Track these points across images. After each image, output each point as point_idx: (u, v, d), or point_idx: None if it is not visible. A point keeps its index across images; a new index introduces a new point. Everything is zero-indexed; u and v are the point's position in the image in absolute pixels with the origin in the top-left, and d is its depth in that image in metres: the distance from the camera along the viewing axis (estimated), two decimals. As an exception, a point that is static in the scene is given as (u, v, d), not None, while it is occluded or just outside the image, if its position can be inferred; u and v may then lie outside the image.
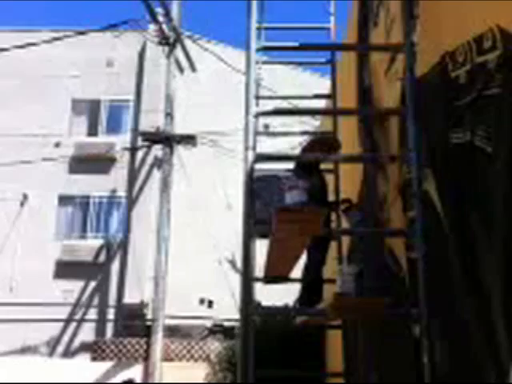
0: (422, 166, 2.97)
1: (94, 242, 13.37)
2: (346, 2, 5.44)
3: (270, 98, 5.26)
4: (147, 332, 11.47)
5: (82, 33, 12.92)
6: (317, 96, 5.33)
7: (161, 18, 12.19)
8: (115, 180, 13.76)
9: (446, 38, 2.79)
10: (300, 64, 7.51)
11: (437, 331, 2.75)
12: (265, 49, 3.84)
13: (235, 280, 8.91)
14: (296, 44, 3.73)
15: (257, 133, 4.85)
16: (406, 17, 3.30)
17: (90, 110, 14.76)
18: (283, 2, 5.34)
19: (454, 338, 2.58)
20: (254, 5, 3.64)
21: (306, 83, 11.89)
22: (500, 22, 2.21)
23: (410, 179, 3.10)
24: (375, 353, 3.71)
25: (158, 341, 10.98)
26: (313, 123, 8.31)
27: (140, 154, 13.95)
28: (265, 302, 4.54)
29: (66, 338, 12.68)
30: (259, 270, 4.43)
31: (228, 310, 10.61)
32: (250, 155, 3.12)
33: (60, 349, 12.60)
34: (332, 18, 5.34)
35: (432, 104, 2.98)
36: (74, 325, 12.75)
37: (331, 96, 4.98)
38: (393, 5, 3.70)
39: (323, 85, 6.65)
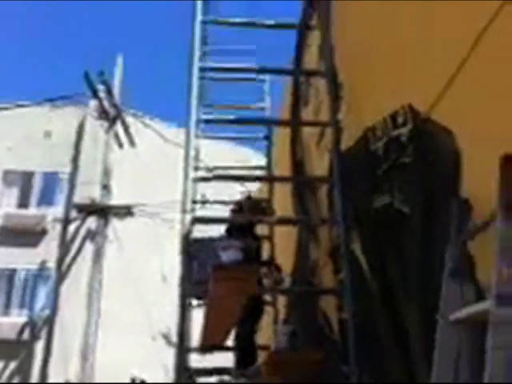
0: (349, 229, 3.21)
1: (17, 319, 12.56)
2: (280, 85, 5.92)
3: (210, 169, 5.48)
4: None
5: (20, 106, 12.91)
6: (255, 167, 5.63)
7: (102, 94, 12.45)
8: (45, 253, 13.24)
9: (366, 115, 3.15)
10: (238, 139, 7.88)
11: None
12: (205, 121, 4.08)
13: (169, 356, 8.60)
14: (234, 118, 4.03)
15: (194, 201, 5.00)
16: (331, 98, 3.68)
17: (22, 181, 14.42)
18: (221, 84, 5.71)
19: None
20: (195, 83, 3.90)
21: (242, 159, 12.33)
22: (410, 100, 2.57)
23: (338, 243, 3.32)
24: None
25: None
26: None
27: (72, 227, 13.60)
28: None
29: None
30: (195, 341, 4.38)
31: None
32: (187, 217, 3.24)
33: None
34: (267, 98, 5.78)
35: (356, 173, 3.29)
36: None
37: (267, 168, 5.29)
38: (321, 86, 4.11)
39: (259, 160, 6.99)
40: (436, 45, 2.28)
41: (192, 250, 3.33)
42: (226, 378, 4.01)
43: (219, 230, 4.03)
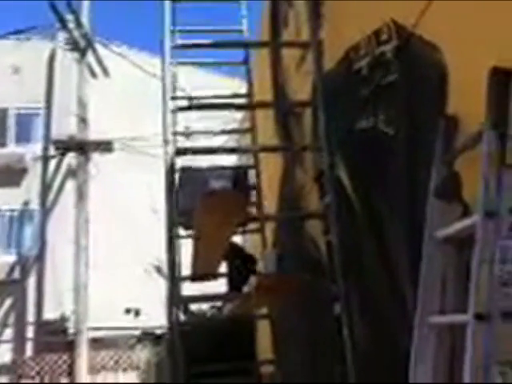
0: (333, 154, 3.18)
1: (5, 259, 12.67)
2: (258, 5, 5.63)
3: (189, 98, 5.30)
4: (69, 347, 11.02)
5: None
6: (235, 95, 5.46)
7: (71, 24, 11.83)
8: (27, 192, 13.11)
9: (349, 33, 3.03)
10: (215, 65, 7.59)
11: (356, 307, 2.95)
12: (180, 47, 3.90)
13: (163, 288, 8.78)
14: (211, 41, 3.85)
15: (175, 133, 4.89)
16: (312, 16, 3.51)
17: (-4, 119, 14.00)
18: (195, 5, 5.41)
19: (370, 311, 2.79)
20: (168, 6, 3.69)
21: (222, 87, 11.95)
22: (395, 15, 2.46)
23: (323, 168, 3.31)
24: (301, 336, 3.88)
25: (83, 354, 10.60)
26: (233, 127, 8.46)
27: (53, 164, 13.40)
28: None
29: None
30: (186, 269, 4.45)
31: (159, 318, 10.45)
32: (170, 148, 3.18)
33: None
34: (244, 21, 5.51)
35: (340, 95, 3.21)
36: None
37: (248, 95, 5.14)
38: (301, 6, 3.92)
39: (238, 88, 6.80)
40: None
41: (179, 179, 3.30)
42: (218, 303, 4.12)
43: (209, 160, 3.97)
